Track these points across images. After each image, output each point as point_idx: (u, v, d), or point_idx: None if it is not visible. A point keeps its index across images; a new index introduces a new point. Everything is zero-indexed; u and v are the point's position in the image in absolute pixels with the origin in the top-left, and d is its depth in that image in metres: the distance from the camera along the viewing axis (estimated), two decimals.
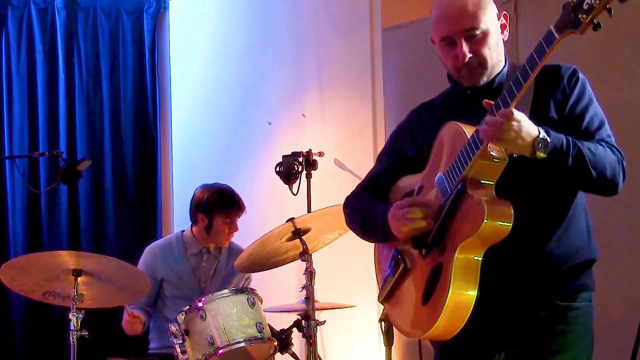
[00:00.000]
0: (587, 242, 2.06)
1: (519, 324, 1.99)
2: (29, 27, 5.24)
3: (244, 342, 3.14)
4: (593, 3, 1.60)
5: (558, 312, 1.98)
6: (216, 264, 3.93)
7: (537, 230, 1.97)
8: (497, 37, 2.03)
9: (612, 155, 1.92)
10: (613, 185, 1.95)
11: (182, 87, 5.78)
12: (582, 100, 2.00)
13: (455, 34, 1.99)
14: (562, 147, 1.83)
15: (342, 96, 4.60)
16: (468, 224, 1.84)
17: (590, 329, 2.04)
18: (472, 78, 2.02)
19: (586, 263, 2.04)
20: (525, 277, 1.98)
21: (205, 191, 3.88)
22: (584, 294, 2.03)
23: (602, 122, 2.01)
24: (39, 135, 5.19)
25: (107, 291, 3.32)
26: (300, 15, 4.92)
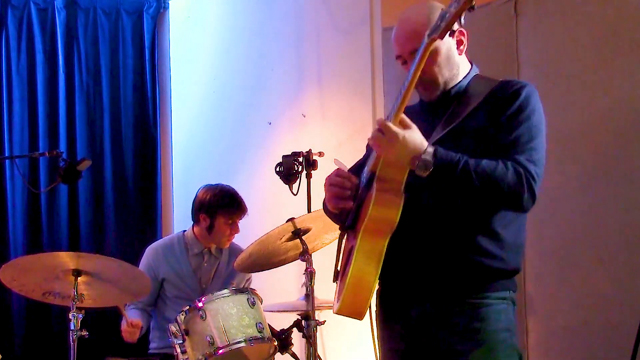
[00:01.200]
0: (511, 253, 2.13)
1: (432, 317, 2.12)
2: (29, 27, 5.24)
3: (244, 342, 3.14)
4: (450, 11, 1.81)
5: (471, 310, 2.09)
6: (217, 264, 3.93)
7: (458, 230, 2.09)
8: (448, 54, 2.18)
9: (511, 175, 2.00)
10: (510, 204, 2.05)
11: (182, 87, 5.78)
12: (519, 115, 2.09)
13: (404, 54, 2.18)
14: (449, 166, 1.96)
15: (342, 96, 4.60)
16: (366, 210, 2.00)
17: (506, 323, 2.12)
18: (426, 94, 2.21)
19: (503, 272, 2.13)
20: (440, 273, 2.10)
21: (208, 192, 3.88)
22: (499, 293, 2.12)
23: (531, 140, 2.07)
24: (39, 135, 5.19)
25: (107, 291, 3.32)
26: (300, 15, 4.92)
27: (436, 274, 2.11)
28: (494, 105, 2.10)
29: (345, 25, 4.62)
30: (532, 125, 2.08)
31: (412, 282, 2.14)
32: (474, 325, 2.08)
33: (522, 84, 2.14)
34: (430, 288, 2.12)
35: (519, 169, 2.01)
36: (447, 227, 2.09)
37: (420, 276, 2.12)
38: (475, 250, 2.09)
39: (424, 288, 2.12)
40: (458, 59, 2.21)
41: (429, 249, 2.10)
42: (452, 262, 2.09)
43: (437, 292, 2.11)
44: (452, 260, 2.09)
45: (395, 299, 2.17)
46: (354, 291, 2.01)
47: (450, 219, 2.09)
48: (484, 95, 2.11)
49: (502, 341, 2.10)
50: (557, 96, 3.55)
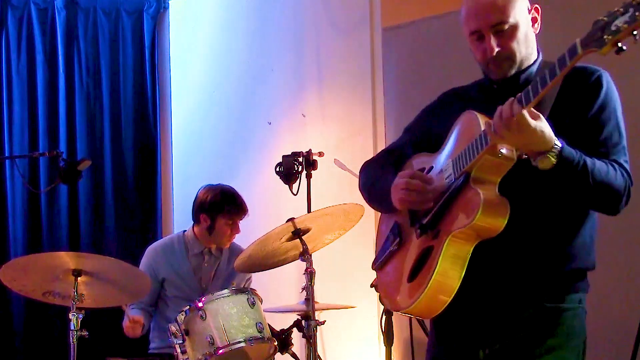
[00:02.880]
0: (586, 252, 2.06)
1: (504, 321, 2.01)
2: (29, 27, 5.23)
3: (244, 342, 3.14)
4: (621, 26, 1.60)
5: (545, 313, 2.00)
6: (217, 264, 3.93)
7: (536, 232, 1.99)
8: (527, 31, 2.04)
9: (619, 178, 1.93)
10: (611, 209, 1.97)
11: (182, 87, 5.78)
12: (604, 112, 2.00)
13: (483, 28, 2.01)
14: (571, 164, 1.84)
15: (342, 96, 4.60)
16: (463, 215, 1.88)
17: (580, 330, 2.05)
18: (500, 71, 2.04)
19: (580, 271, 2.06)
20: (515, 275, 2.00)
21: (209, 192, 3.88)
22: (574, 296, 2.04)
23: (620, 137, 2.00)
24: (39, 135, 5.19)
25: (107, 291, 3.32)
26: (300, 15, 4.92)
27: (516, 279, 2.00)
28: (575, 99, 1.97)
29: (345, 25, 4.62)
30: (618, 120, 2.00)
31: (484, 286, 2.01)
32: (547, 330, 1.99)
33: (599, 72, 2.03)
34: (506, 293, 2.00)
35: (624, 172, 1.94)
36: (534, 232, 1.98)
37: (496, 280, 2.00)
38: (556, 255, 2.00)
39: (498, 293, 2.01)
40: (533, 37, 2.06)
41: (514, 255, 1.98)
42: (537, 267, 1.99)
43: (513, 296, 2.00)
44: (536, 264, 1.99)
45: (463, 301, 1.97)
46: (434, 294, 1.90)
47: (538, 225, 1.99)
48: (559, 86, 1.91)
49: (572, 349, 2.04)
50: None
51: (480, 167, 1.89)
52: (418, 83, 4.11)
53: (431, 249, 1.95)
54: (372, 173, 2.29)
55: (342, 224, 3.43)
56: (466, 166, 1.91)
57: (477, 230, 1.87)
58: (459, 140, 2.03)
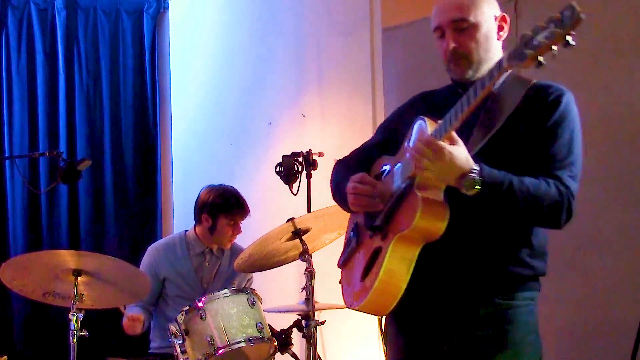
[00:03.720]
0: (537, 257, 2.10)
1: (459, 318, 2.06)
2: (29, 27, 5.23)
3: (243, 342, 3.14)
4: (541, 41, 1.64)
5: (500, 311, 2.04)
6: (218, 264, 3.93)
7: (486, 233, 2.03)
8: (489, 34, 2.08)
9: (553, 195, 1.94)
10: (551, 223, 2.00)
11: (182, 87, 5.78)
12: (559, 127, 2.02)
13: (444, 24, 2.09)
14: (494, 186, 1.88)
15: (342, 96, 4.60)
16: (406, 218, 1.95)
17: (533, 325, 2.09)
18: (458, 70, 2.09)
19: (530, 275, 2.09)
20: (468, 274, 2.05)
21: (211, 192, 3.88)
22: (525, 294, 2.08)
23: (569, 154, 2.01)
24: (39, 135, 5.19)
25: (107, 291, 3.32)
26: (301, 15, 4.92)
27: (465, 278, 2.04)
28: (532, 113, 2.01)
29: (345, 25, 4.62)
30: (571, 138, 2.02)
31: (438, 285, 2.06)
32: (502, 327, 2.03)
33: (561, 91, 2.06)
34: (458, 290, 2.05)
35: (561, 187, 1.95)
36: (476, 237, 2.03)
37: (448, 279, 2.05)
38: (506, 257, 2.04)
39: (450, 290, 2.06)
40: (496, 44, 2.10)
41: (458, 256, 2.04)
42: (481, 268, 2.04)
43: (465, 294, 2.05)
44: (481, 266, 2.04)
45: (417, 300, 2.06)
46: (381, 293, 1.97)
47: (480, 230, 2.02)
48: (519, 100, 1.99)
49: (529, 344, 2.06)
50: None
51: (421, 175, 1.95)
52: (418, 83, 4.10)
53: (380, 250, 2.01)
54: (339, 173, 2.34)
55: (342, 224, 3.41)
56: (411, 172, 1.97)
57: (420, 233, 1.93)
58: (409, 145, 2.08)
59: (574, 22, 1.60)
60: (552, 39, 1.62)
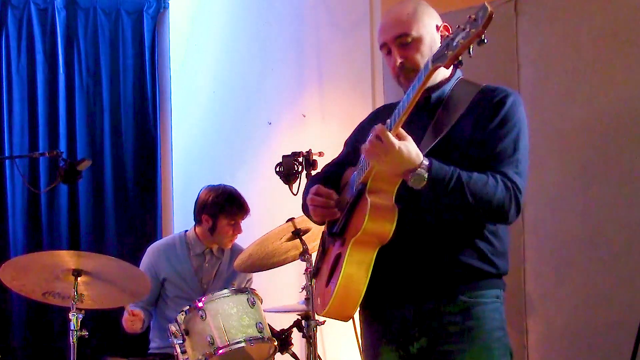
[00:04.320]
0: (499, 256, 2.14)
1: (425, 316, 2.10)
2: (29, 27, 5.23)
3: (243, 342, 3.15)
4: (459, 42, 1.73)
5: (465, 309, 2.08)
6: (218, 264, 3.93)
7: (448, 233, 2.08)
8: (432, 45, 2.14)
9: (500, 190, 2.00)
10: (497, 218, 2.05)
11: (182, 87, 5.78)
12: (504, 127, 2.08)
13: (388, 41, 2.16)
14: (443, 180, 1.94)
15: (342, 96, 4.59)
16: (358, 222, 2.01)
17: (500, 322, 2.13)
18: (407, 83, 2.11)
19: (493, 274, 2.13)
20: (432, 274, 2.09)
21: (211, 192, 3.88)
22: (491, 291, 2.12)
23: (515, 152, 2.07)
24: (39, 135, 5.19)
25: (107, 291, 3.32)
26: (301, 15, 4.92)
27: (429, 276, 2.10)
28: (478, 115, 2.09)
29: (345, 25, 4.62)
30: (517, 136, 2.08)
31: (403, 285, 2.11)
32: (469, 324, 2.07)
33: (506, 93, 2.13)
34: (423, 289, 2.10)
35: (508, 183, 2.02)
36: (436, 236, 2.08)
37: (412, 279, 2.11)
38: (467, 254, 2.09)
39: (416, 290, 2.11)
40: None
41: (420, 255, 2.09)
42: (444, 265, 2.09)
43: (430, 292, 2.10)
44: (443, 263, 2.09)
45: (384, 302, 2.14)
46: (342, 297, 2.02)
47: (440, 229, 2.08)
48: (468, 103, 2.09)
49: (497, 340, 2.10)
50: (557, 96, 3.56)
51: (374, 178, 2.02)
52: None
53: (339, 256, 2.07)
54: (308, 188, 2.38)
55: None
56: (361, 177, 2.04)
57: (371, 236, 1.99)
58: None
59: (486, 21, 1.68)
60: (468, 39, 1.70)
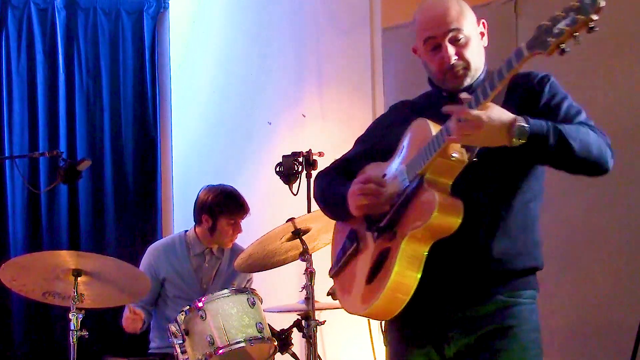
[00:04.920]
0: (537, 251, 2.13)
1: (464, 317, 2.06)
2: (29, 27, 5.23)
3: (243, 342, 3.14)
4: (562, 29, 1.68)
5: (504, 308, 2.05)
6: (218, 264, 3.93)
7: (488, 230, 2.05)
8: (478, 43, 2.13)
9: (595, 135, 1.96)
10: (600, 165, 1.97)
11: (182, 87, 5.78)
12: (556, 96, 2.07)
13: (440, 35, 2.09)
14: (542, 132, 1.87)
15: (342, 96, 4.60)
16: (419, 215, 1.95)
17: (536, 324, 2.11)
18: (457, 81, 2.11)
19: (532, 269, 2.12)
20: (471, 272, 2.06)
21: (210, 192, 3.88)
22: (528, 292, 2.10)
23: (578, 111, 2.05)
24: (39, 135, 5.19)
25: (107, 291, 3.32)
26: (301, 15, 4.92)
27: (467, 275, 2.05)
28: (522, 98, 2.04)
29: (345, 25, 4.62)
30: (571, 101, 2.06)
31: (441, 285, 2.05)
32: (507, 323, 2.04)
33: (544, 74, 2.10)
34: (462, 289, 2.06)
35: (595, 129, 1.96)
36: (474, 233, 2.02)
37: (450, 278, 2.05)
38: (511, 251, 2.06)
39: (453, 289, 2.06)
40: (483, 50, 2.16)
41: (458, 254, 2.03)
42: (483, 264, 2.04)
43: (468, 291, 2.06)
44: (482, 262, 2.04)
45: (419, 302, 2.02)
46: (392, 295, 1.96)
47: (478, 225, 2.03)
48: (505, 91, 1.96)
49: (533, 341, 2.08)
50: None
51: (433, 169, 1.96)
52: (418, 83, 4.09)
53: (388, 251, 2.01)
54: (326, 183, 2.34)
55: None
56: (420, 169, 1.97)
57: (432, 231, 1.93)
58: (411, 146, 2.09)
59: (595, 8, 1.63)
60: (574, 25, 1.65)
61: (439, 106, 2.06)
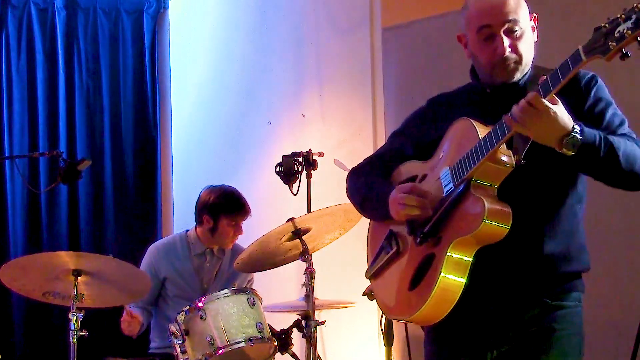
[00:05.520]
0: (582, 254, 2.10)
1: (510, 321, 2.02)
2: (29, 27, 5.23)
3: (243, 342, 3.14)
4: (625, 32, 1.60)
5: (548, 311, 2.01)
6: (219, 265, 3.93)
7: (535, 234, 2.00)
8: (531, 37, 2.05)
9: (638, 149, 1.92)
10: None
11: (182, 87, 5.78)
12: (601, 102, 2.01)
13: (497, 24, 1.99)
14: (593, 142, 1.83)
15: (342, 96, 4.60)
16: (466, 222, 1.89)
17: (580, 328, 2.07)
18: (506, 74, 2.03)
19: (578, 272, 2.09)
20: (518, 276, 2.01)
21: (212, 193, 3.88)
22: (574, 294, 2.07)
23: (622, 121, 2.01)
24: (39, 135, 5.18)
25: (107, 291, 3.32)
26: (300, 15, 4.92)
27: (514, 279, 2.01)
28: (570, 100, 1.93)
29: (345, 25, 4.62)
30: (616, 109, 2.02)
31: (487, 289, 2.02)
32: (551, 326, 2.01)
33: (591, 74, 2.05)
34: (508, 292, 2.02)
35: (638, 141, 1.92)
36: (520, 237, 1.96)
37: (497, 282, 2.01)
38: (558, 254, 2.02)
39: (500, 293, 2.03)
40: (534, 44, 2.08)
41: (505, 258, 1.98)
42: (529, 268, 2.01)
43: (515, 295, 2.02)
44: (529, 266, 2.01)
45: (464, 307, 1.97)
46: (438, 302, 1.91)
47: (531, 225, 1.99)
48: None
49: (575, 346, 2.06)
50: None
51: (480, 174, 1.91)
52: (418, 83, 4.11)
53: (433, 257, 1.95)
54: (363, 181, 2.27)
55: (342, 224, 3.43)
56: (467, 174, 1.91)
57: (479, 238, 1.88)
58: (454, 148, 2.02)
59: None
60: (638, 30, 1.58)
61: (481, 103, 2.03)
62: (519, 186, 1.95)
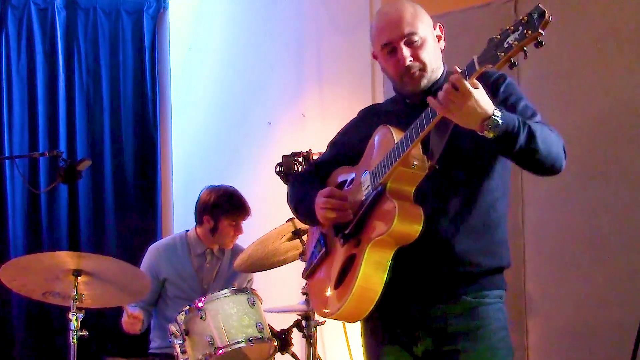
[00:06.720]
0: (503, 250, 2.16)
1: (431, 317, 2.10)
2: (29, 27, 5.23)
3: (243, 342, 3.14)
4: (512, 43, 1.71)
5: (469, 308, 2.09)
6: (219, 265, 3.93)
7: (448, 232, 2.08)
8: (434, 45, 2.17)
9: (555, 135, 2.00)
10: (557, 166, 2.02)
11: (182, 87, 5.78)
12: (511, 97, 2.10)
13: (395, 39, 2.13)
14: (513, 124, 1.89)
15: (342, 96, 4.60)
16: (381, 223, 2.00)
17: (504, 322, 2.14)
18: (414, 82, 2.14)
19: (498, 268, 2.15)
20: (434, 274, 2.09)
21: (212, 193, 3.88)
22: (495, 292, 2.13)
23: (534, 112, 2.08)
24: (39, 135, 5.19)
25: (107, 291, 3.32)
26: (301, 15, 4.92)
27: (433, 277, 2.09)
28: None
29: (345, 25, 4.62)
30: (526, 102, 2.09)
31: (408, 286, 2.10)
32: (474, 324, 2.08)
33: (500, 73, 2.13)
34: (428, 290, 2.10)
35: (552, 129, 2.00)
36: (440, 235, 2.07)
37: (418, 280, 2.10)
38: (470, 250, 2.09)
39: (421, 290, 2.11)
40: (439, 52, 2.19)
41: (425, 256, 2.07)
42: (449, 266, 2.09)
43: (435, 293, 2.10)
44: (448, 264, 2.09)
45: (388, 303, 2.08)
46: (359, 300, 2.01)
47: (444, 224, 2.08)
48: None
49: (502, 340, 2.11)
50: (557, 96, 3.56)
51: (395, 178, 2.01)
52: None
53: (354, 257, 2.05)
54: (299, 188, 2.38)
55: None
56: (382, 178, 2.02)
57: (395, 237, 1.98)
58: (375, 153, 2.13)
59: (543, 23, 1.66)
60: (524, 40, 1.69)
61: (403, 113, 2.14)
62: (434, 187, 2.05)
